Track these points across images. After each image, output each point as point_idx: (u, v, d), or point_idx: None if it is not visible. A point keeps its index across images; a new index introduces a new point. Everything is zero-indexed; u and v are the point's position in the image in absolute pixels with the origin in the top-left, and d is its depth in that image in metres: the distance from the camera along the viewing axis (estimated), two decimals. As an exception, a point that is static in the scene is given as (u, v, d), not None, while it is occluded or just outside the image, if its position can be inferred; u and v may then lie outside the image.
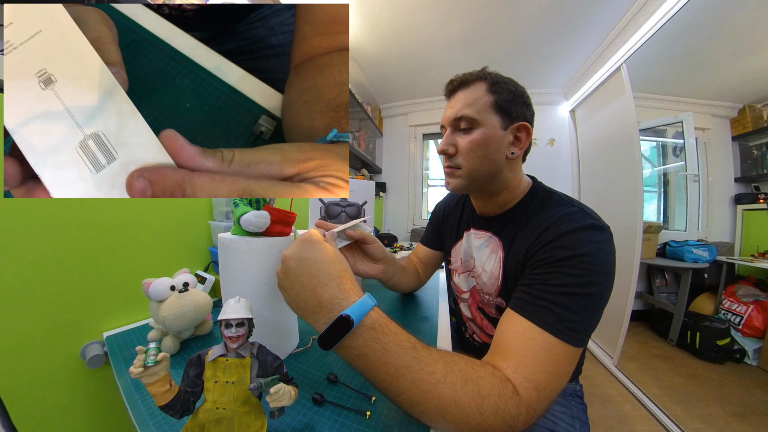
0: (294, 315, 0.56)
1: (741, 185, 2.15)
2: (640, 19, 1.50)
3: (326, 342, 0.33)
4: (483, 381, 0.33)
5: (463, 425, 0.32)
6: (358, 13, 1.65)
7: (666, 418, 1.27)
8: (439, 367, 0.33)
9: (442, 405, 0.31)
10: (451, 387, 0.32)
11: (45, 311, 0.52)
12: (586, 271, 0.41)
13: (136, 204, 0.65)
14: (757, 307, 1.75)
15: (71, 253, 0.55)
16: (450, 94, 0.57)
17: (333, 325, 0.32)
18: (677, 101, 2.23)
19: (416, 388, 0.32)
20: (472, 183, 0.56)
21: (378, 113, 3.00)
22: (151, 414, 0.37)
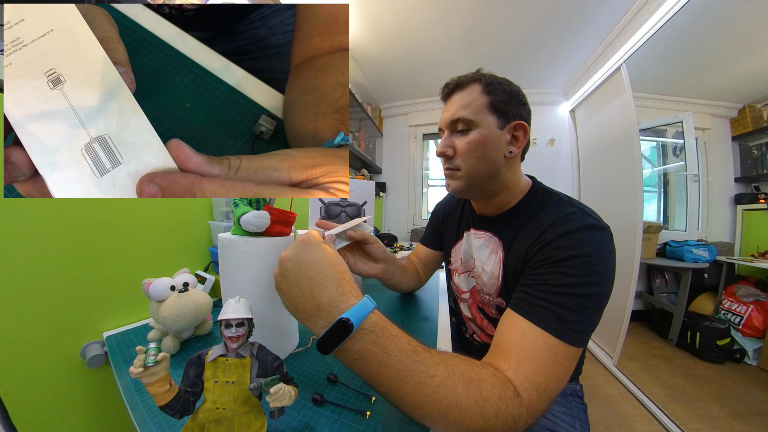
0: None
1: (741, 185, 2.14)
2: (640, 19, 1.50)
3: (325, 346, 0.32)
4: (484, 383, 0.33)
5: (465, 428, 0.31)
6: (358, 13, 1.65)
7: (666, 418, 1.27)
8: (440, 370, 0.33)
9: (443, 408, 0.31)
10: (453, 390, 0.32)
11: (45, 311, 0.52)
12: (586, 271, 0.41)
13: (136, 204, 0.65)
14: (757, 307, 1.75)
15: (71, 253, 0.55)
16: (446, 97, 0.58)
17: (332, 328, 0.31)
18: (677, 101, 2.23)
19: (417, 392, 0.31)
20: (472, 184, 0.56)
21: (378, 113, 3.00)
22: (151, 414, 0.37)
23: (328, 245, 0.40)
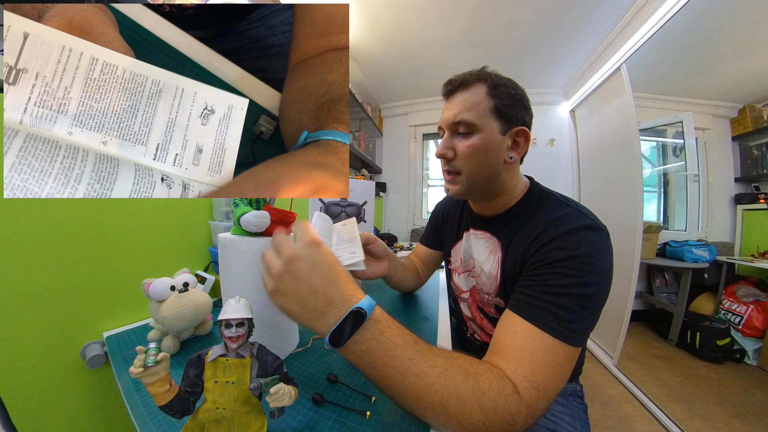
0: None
1: (741, 185, 2.15)
2: (640, 19, 1.50)
3: (338, 337, 0.32)
4: (482, 377, 0.34)
5: (465, 421, 0.32)
6: (358, 13, 1.65)
7: (666, 418, 1.27)
8: (440, 362, 0.34)
9: (444, 398, 0.32)
10: (453, 380, 0.32)
11: (45, 311, 0.52)
12: (583, 271, 0.41)
13: (136, 204, 0.65)
14: (757, 307, 1.75)
15: (71, 253, 0.55)
16: (448, 94, 0.56)
17: (346, 319, 0.33)
18: (677, 101, 2.23)
19: (421, 382, 0.32)
20: (471, 188, 0.56)
21: (378, 113, 3.00)
22: (151, 414, 0.37)
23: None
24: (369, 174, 2.86)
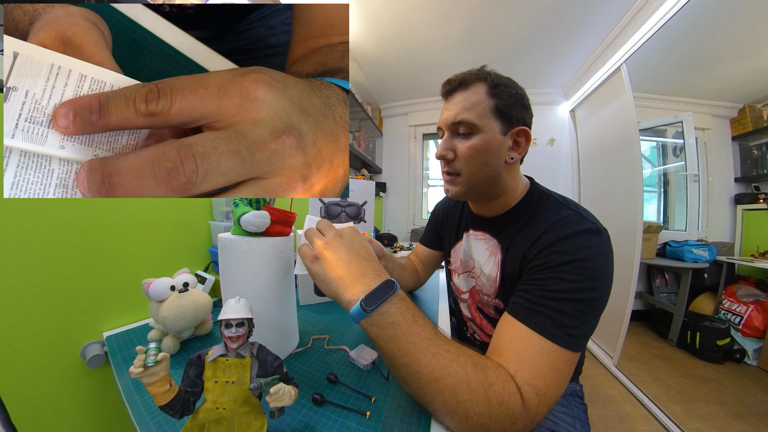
0: (294, 315, 0.56)
1: (741, 185, 2.14)
2: (640, 19, 1.50)
3: (370, 301, 0.36)
4: (489, 370, 0.35)
5: (471, 410, 0.32)
6: (358, 13, 1.65)
7: (666, 418, 1.27)
8: (453, 348, 0.35)
9: (455, 383, 0.33)
10: (464, 367, 0.34)
11: (45, 311, 0.52)
12: (583, 276, 0.41)
13: (137, 204, 0.65)
14: (757, 307, 1.75)
15: (71, 253, 0.55)
16: (448, 94, 0.55)
17: (380, 286, 0.37)
18: (677, 101, 2.22)
19: (437, 363, 0.33)
20: (472, 189, 0.55)
21: (378, 113, 2.99)
22: (151, 414, 0.37)
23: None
24: (369, 174, 2.86)
